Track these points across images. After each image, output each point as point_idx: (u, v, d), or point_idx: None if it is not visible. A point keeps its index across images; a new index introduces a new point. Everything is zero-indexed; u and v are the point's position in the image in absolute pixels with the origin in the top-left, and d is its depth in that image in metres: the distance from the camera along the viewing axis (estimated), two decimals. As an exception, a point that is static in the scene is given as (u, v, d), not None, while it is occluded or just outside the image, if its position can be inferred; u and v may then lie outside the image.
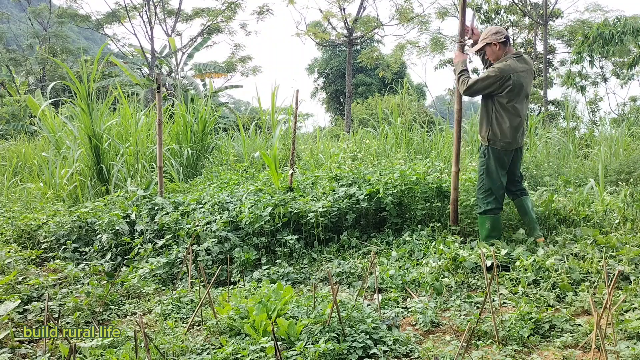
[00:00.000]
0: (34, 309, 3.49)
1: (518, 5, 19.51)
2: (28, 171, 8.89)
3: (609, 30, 10.07)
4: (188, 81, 22.35)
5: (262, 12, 22.02)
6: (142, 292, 4.05)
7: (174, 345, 2.91)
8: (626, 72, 19.87)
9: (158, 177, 5.87)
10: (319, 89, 34.22)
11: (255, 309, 3.11)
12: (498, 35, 4.40)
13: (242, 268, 4.46)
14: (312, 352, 2.66)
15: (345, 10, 19.59)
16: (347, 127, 18.09)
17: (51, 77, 22.66)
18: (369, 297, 3.79)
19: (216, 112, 10.47)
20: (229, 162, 8.38)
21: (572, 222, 4.95)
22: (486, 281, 2.88)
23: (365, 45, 30.04)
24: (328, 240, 5.03)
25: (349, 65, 20.17)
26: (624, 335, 2.91)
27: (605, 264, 2.65)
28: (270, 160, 5.90)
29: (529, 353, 2.84)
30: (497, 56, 4.45)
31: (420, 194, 5.17)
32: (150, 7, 21.94)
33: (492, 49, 4.45)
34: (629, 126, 8.83)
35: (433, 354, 2.81)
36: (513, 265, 4.01)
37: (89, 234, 5.36)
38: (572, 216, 5.02)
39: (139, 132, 7.85)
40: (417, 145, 8.69)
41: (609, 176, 6.63)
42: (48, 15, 24.19)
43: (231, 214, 4.96)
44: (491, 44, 4.44)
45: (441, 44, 21.33)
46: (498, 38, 4.39)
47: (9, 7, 35.35)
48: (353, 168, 6.51)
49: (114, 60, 13.92)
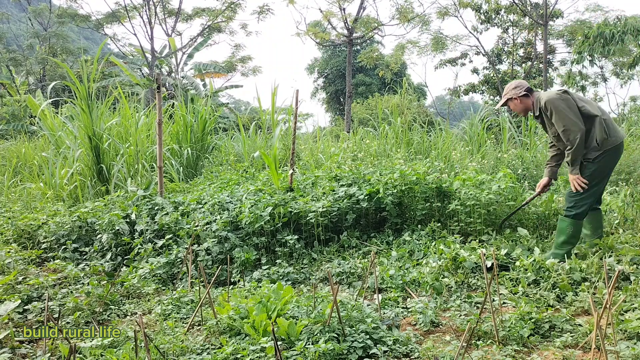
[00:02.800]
0: (34, 309, 3.49)
1: (518, 5, 19.50)
2: (28, 171, 8.89)
3: (609, 30, 10.07)
4: (188, 81, 22.34)
5: (262, 12, 22.03)
6: (142, 292, 4.05)
7: (174, 345, 2.91)
8: (626, 72, 19.87)
9: (158, 177, 5.87)
10: (319, 89, 34.23)
11: (255, 309, 3.11)
12: (517, 90, 4.30)
13: (242, 268, 4.46)
14: (312, 352, 2.66)
15: (345, 10, 19.59)
16: (347, 127, 18.09)
17: (51, 77, 22.66)
18: (369, 297, 3.79)
19: (216, 112, 10.47)
20: (229, 162, 8.38)
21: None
22: (486, 281, 2.88)
23: (365, 45, 30.04)
24: (328, 240, 5.03)
25: (349, 65, 20.16)
26: (624, 335, 2.91)
27: (605, 264, 2.64)
28: (270, 160, 5.90)
29: (529, 353, 2.84)
30: (524, 107, 4.33)
31: (420, 194, 5.17)
32: (150, 7, 21.94)
33: (515, 103, 4.34)
34: (629, 126, 8.82)
35: (433, 354, 2.81)
36: (513, 265, 4.01)
37: (89, 234, 5.36)
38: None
39: (139, 132, 7.85)
40: (417, 145, 8.69)
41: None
42: (48, 15, 24.20)
43: (231, 214, 4.96)
44: (512, 99, 4.34)
45: (442, 43, 21.31)
46: (518, 93, 4.29)
47: (9, 7, 35.34)
48: (353, 168, 6.51)
49: (114, 60, 13.90)
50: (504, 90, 4.47)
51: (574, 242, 4.13)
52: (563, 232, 4.12)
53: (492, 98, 22.42)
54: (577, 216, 4.11)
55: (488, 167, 7.39)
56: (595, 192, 4.14)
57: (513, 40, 22.52)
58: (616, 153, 4.10)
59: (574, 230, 4.10)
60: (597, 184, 4.10)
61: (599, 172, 4.07)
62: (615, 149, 4.07)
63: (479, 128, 8.88)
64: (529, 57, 22.06)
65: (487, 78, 22.67)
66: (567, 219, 4.13)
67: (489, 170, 7.26)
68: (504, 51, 22.86)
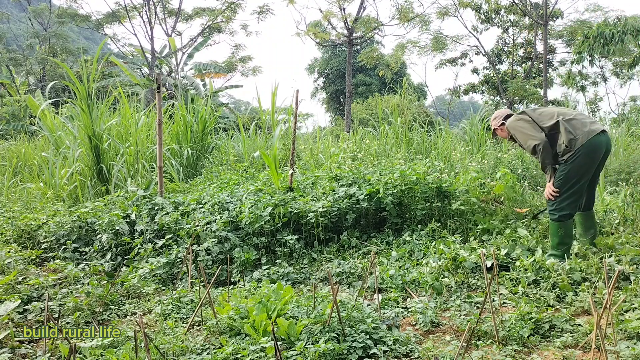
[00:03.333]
0: (34, 309, 3.49)
1: (518, 5, 19.50)
2: (28, 171, 8.89)
3: (609, 30, 10.07)
4: (188, 81, 22.33)
5: (262, 12, 22.02)
6: (142, 292, 4.05)
7: (174, 345, 2.91)
8: (626, 72, 19.86)
9: (158, 177, 5.87)
10: (319, 89, 34.23)
11: (255, 309, 3.11)
12: (496, 121, 4.64)
13: (242, 268, 4.46)
14: (312, 352, 2.66)
15: (345, 10, 19.58)
16: (347, 127, 18.09)
17: (51, 77, 22.65)
18: (369, 297, 3.78)
19: (216, 112, 10.48)
20: (229, 162, 8.38)
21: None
22: (486, 281, 2.88)
23: (365, 45, 30.03)
24: (328, 240, 5.03)
25: (349, 65, 20.16)
26: (624, 335, 2.91)
27: (605, 264, 2.64)
28: (270, 160, 5.90)
29: (529, 353, 2.84)
30: (505, 134, 4.61)
31: (420, 194, 5.17)
32: (150, 7, 21.94)
33: (498, 132, 4.67)
34: (629, 126, 8.83)
35: (433, 354, 2.81)
36: (513, 265, 4.01)
37: (89, 234, 5.36)
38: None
39: (139, 132, 7.85)
40: (417, 145, 8.69)
41: (609, 176, 6.63)
42: (48, 15, 24.19)
43: (231, 214, 4.96)
44: (495, 129, 4.68)
45: (442, 43, 21.30)
46: (497, 123, 4.63)
47: (9, 7, 35.35)
48: (353, 168, 6.52)
49: (114, 60, 13.90)
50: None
51: (568, 242, 4.14)
52: (555, 234, 4.15)
53: (492, 98, 22.43)
54: (561, 218, 4.12)
55: (488, 167, 7.39)
56: (576, 192, 4.11)
57: (513, 40, 22.53)
58: (590, 149, 4.05)
59: (565, 231, 4.11)
60: (575, 183, 4.09)
61: (574, 171, 4.07)
62: (589, 145, 4.03)
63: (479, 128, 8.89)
64: (529, 57, 22.07)
65: (487, 78, 22.68)
66: (554, 223, 4.16)
67: (489, 170, 7.26)
68: (504, 51, 22.87)
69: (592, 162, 4.09)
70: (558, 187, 4.12)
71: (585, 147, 4.02)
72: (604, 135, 4.09)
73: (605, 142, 4.12)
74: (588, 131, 4.04)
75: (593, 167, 4.13)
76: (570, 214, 4.14)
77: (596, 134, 4.03)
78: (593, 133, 4.03)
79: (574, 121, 4.11)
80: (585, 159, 4.04)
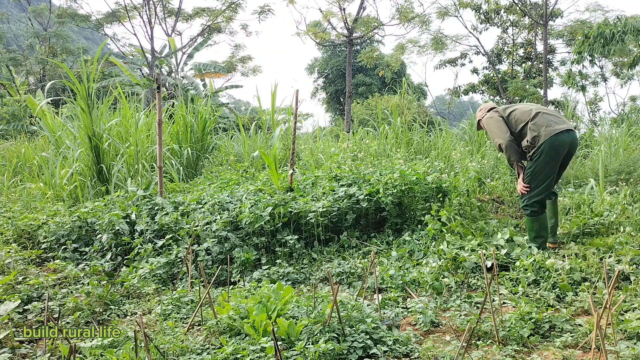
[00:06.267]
0: (34, 309, 3.49)
1: (518, 5, 19.50)
2: (28, 171, 8.89)
3: (609, 29, 10.06)
4: (188, 81, 22.33)
5: (262, 12, 22.00)
6: (142, 292, 4.05)
7: (174, 345, 2.91)
8: (626, 71, 19.85)
9: (158, 177, 5.87)
10: (319, 89, 34.22)
11: (255, 309, 3.11)
12: (481, 113, 4.74)
13: (242, 268, 4.46)
14: (312, 352, 2.66)
15: (345, 10, 19.55)
16: (347, 127, 18.08)
17: (51, 77, 22.64)
18: (369, 297, 3.79)
19: (216, 112, 10.48)
20: (229, 162, 8.38)
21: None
22: (486, 281, 2.88)
23: (365, 45, 30.03)
24: (328, 240, 5.03)
25: (349, 65, 20.15)
26: (624, 335, 2.91)
27: (605, 264, 2.64)
28: (270, 160, 5.90)
29: (529, 353, 2.84)
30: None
31: (420, 194, 5.17)
32: (150, 7, 21.93)
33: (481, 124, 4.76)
34: (629, 126, 8.82)
35: (433, 354, 2.81)
36: (513, 265, 4.02)
37: (89, 234, 5.36)
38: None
39: (139, 132, 7.84)
40: (417, 145, 8.69)
41: (609, 176, 6.63)
42: (48, 15, 24.18)
43: (231, 214, 4.96)
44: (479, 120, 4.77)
45: (442, 43, 21.29)
46: (481, 115, 4.72)
47: (9, 7, 35.35)
48: (353, 168, 6.51)
49: (114, 60, 13.92)
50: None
51: (544, 234, 4.38)
52: (531, 229, 4.39)
53: (492, 98, 22.42)
54: (533, 213, 4.34)
55: (488, 167, 7.39)
56: (545, 188, 4.30)
57: (513, 40, 22.51)
58: (552, 146, 4.20)
59: (539, 224, 4.34)
60: (543, 179, 4.28)
61: (540, 168, 4.26)
62: (551, 143, 4.18)
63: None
64: (529, 57, 22.06)
65: (487, 78, 22.67)
66: (529, 218, 4.37)
67: (489, 170, 7.26)
68: (504, 51, 22.86)
69: (555, 159, 4.26)
70: (527, 182, 4.34)
71: (547, 144, 4.19)
72: (567, 134, 4.23)
73: (570, 140, 4.27)
74: (551, 129, 4.20)
75: (557, 164, 4.31)
76: (540, 209, 4.34)
77: (558, 132, 4.18)
78: (555, 131, 4.19)
79: (538, 119, 4.28)
80: (547, 156, 4.22)
